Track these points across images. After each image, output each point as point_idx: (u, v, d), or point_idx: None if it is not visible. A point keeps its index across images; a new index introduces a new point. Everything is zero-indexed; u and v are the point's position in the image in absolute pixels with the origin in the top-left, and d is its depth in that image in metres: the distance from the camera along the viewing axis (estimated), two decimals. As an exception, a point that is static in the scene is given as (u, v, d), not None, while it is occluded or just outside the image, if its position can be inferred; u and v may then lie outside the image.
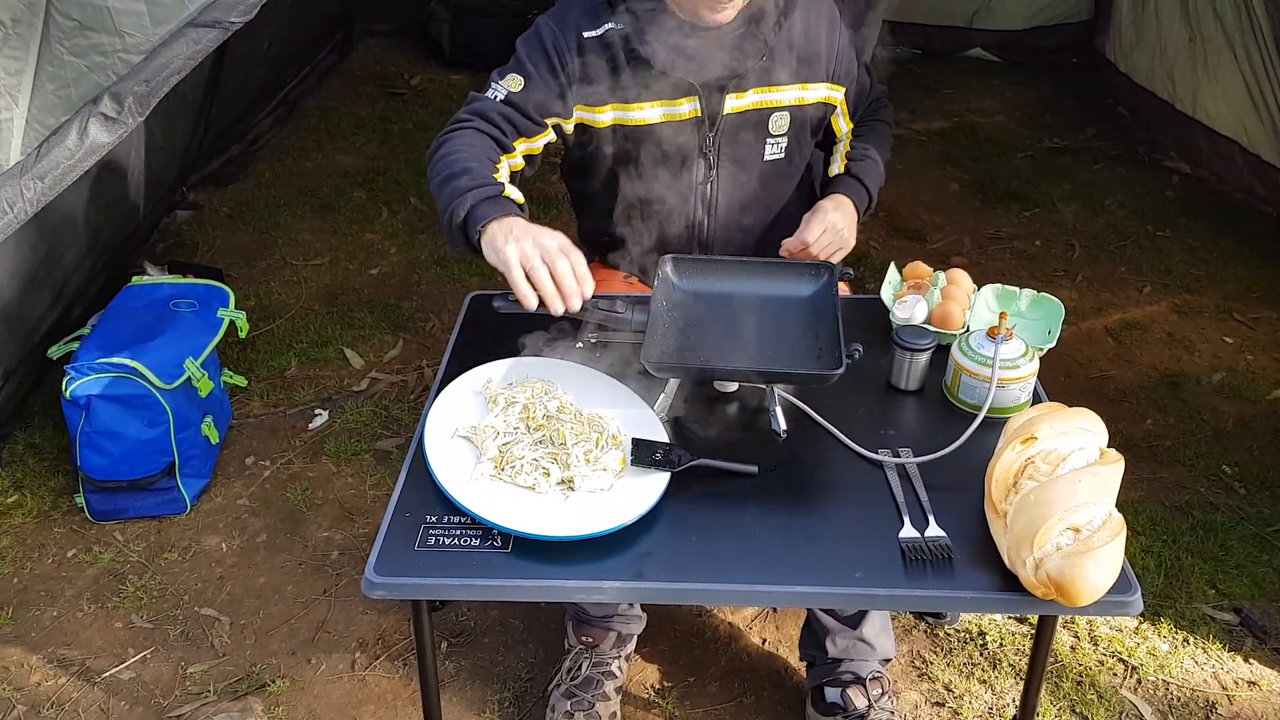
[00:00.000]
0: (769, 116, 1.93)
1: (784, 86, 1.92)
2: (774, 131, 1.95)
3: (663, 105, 1.87)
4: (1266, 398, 3.02)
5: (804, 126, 1.98)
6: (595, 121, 1.88)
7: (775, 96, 1.92)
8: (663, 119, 1.88)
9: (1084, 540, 1.33)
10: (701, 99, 1.87)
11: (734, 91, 1.87)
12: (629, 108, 1.87)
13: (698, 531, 1.45)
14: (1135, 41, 4.65)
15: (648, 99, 1.87)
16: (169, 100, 3.38)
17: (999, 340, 1.63)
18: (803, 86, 1.93)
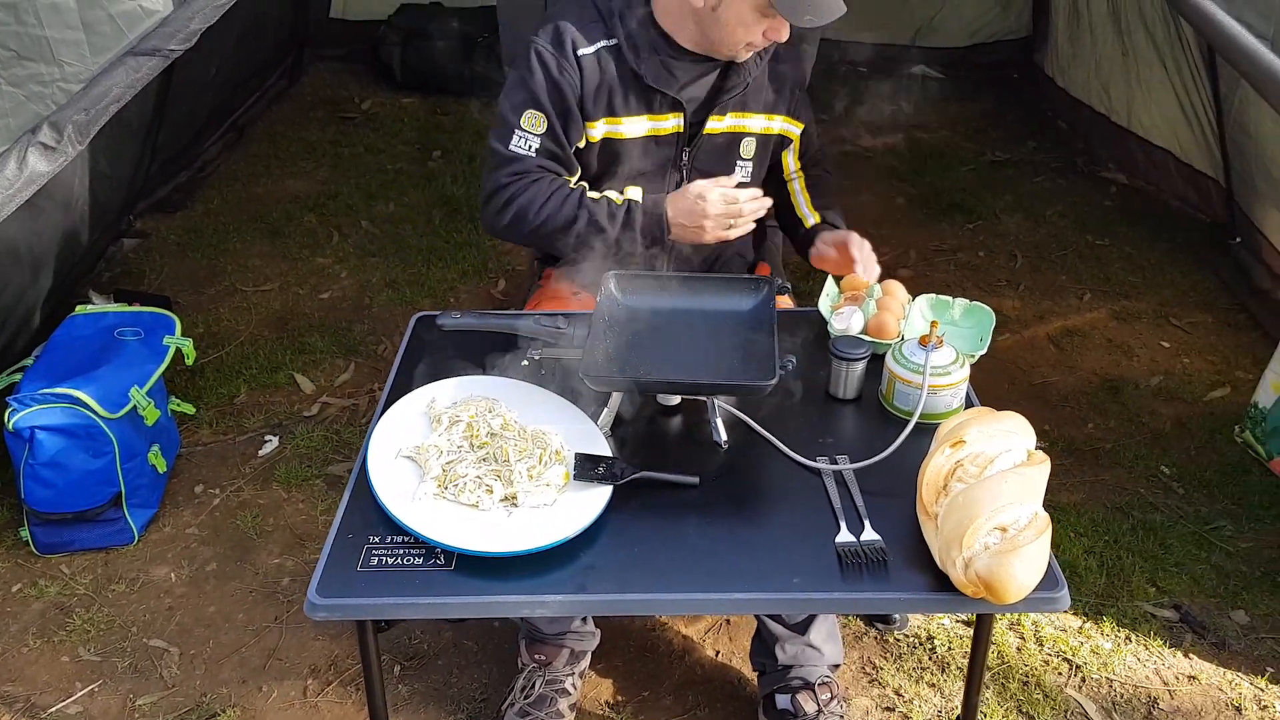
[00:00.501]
0: (740, 140, 2.07)
1: (755, 114, 2.06)
2: (743, 155, 2.09)
3: (649, 119, 1.98)
4: (1203, 399, 3.09)
5: (765, 154, 2.12)
6: (591, 136, 1.98)
7: (747, 123, 2.06)
8: (648, 132, 1.99)
9: (1010, 539, 1.37)
10: (686, 115, 1.98)
11: (717, 114, 2.00)
12: (618, 120, 1.97)
13: (640, 543, 1.48)
14: (1072, 57, 4.76)
15: (636, 112, 1.97)
16: (114, 128, 3.37)
17: (930, 348, 1.67)
18: (769, 116, 2.08)
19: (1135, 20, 4.07)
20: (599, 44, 1.94)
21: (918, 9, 5.26)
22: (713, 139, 2.03)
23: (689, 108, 1.98)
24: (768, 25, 1.87)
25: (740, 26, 1.87)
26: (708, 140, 2.02)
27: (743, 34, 1.88)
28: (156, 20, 2.02)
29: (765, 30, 1.87)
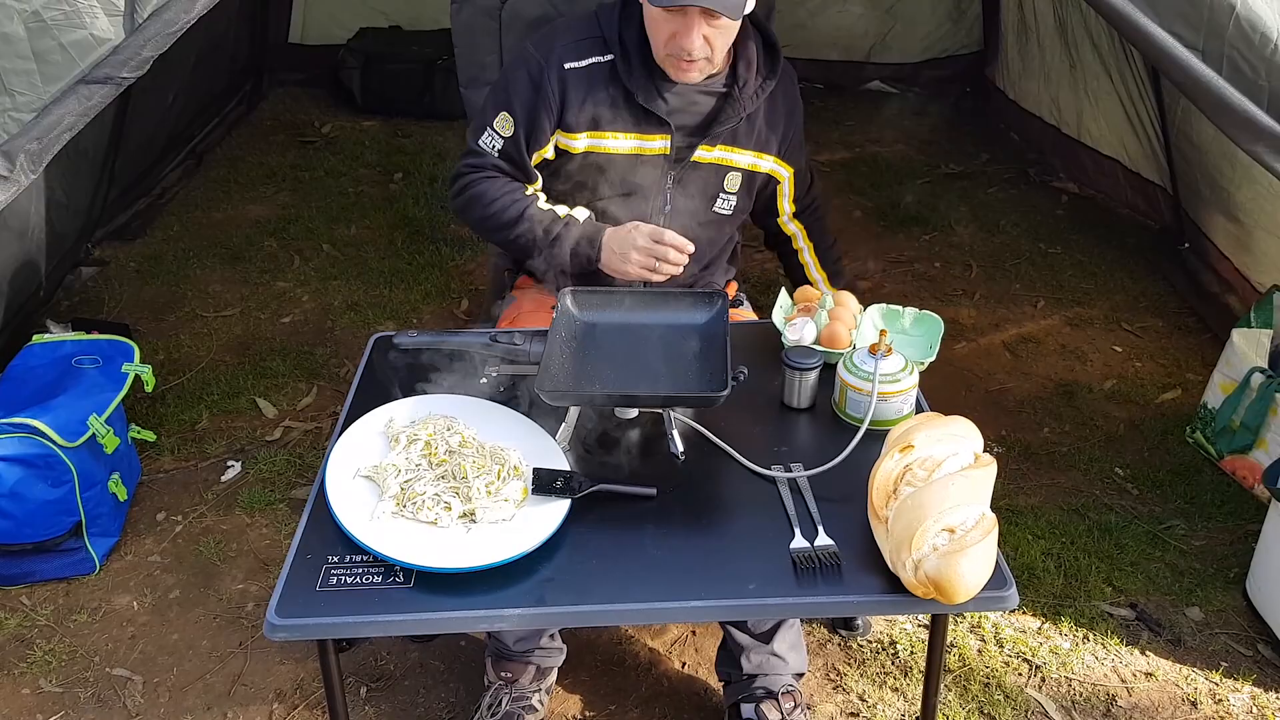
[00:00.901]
0: (726, 174, 2.09)
1: (745, 150, 2.09)
2: (727, 188, 2.12)
3: (636, 138, 2.01)
4: (1154, 402, 3.15)
5: (750, 191, 2.15)
6: (570, 147, 2.02)
7: (735, 157, 2.09)
8: (633, 150, 2.02)
9: (958, 540, 1.40)
10: (674, 139, 2.01)
11: (706, 143, 2.03)
12: (603, 135, 2.00)
13: (599, 555, 1.50)
14: (1022, 70, 4.85)
15: (623, 129, 2.00)
16: (70, 156, 3.38)
17: (879, 356, 1.71)
18: (759, 155, 2.11)
19: (1081, 34, 4.16)
20: (592, 59, 1.99)
21: (871, 26, 5.35)
22: (699, 167, 2.06)
23: (677, 131, 2.01)
24: (674, 26, 1.87)
25: (651, 22, 1.91)
26: (694, 167, 2.05)
27: (654, 32, 1.91)
28: (108, 49, 2.03)
29: (674, 33, 1.87)
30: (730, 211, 2.13)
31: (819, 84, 5.44)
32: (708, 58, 1.91)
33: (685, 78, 1.95)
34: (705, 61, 1.92)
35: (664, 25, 1.87)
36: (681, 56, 1.89)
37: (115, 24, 2.00)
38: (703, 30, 1.85)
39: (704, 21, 1.84)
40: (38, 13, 1.96)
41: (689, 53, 1.87)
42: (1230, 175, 3.24)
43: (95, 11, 1.97)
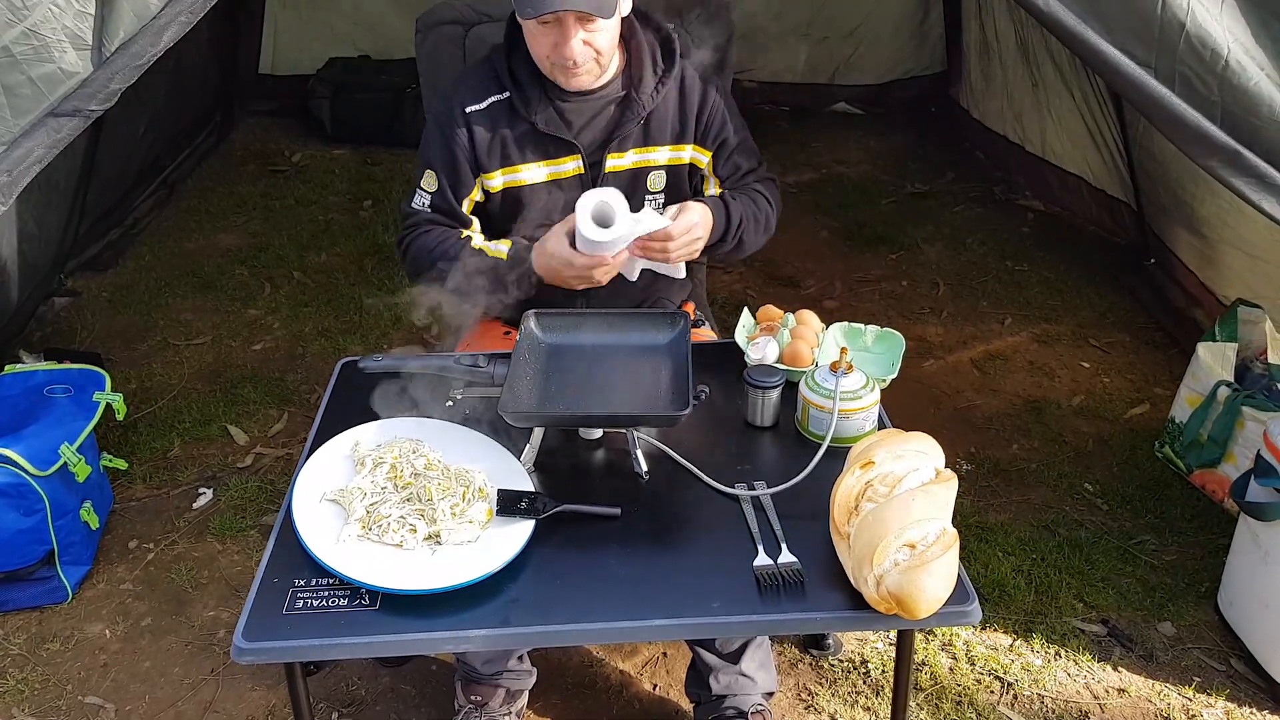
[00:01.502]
0: (647, 175, 2.10)
1: (659, 147, 2.09)
2: (652, 188, 2.11)
3: (547, 165, 2.04)
4: (1123, 417, 3.19)
5: (679, 185, 2.15)
6: (490, 186, 2.05)
7: (652, 156, 2.09)
8: (548, 178, 2.04)
9: (919, 555, 1.42)
10: (584, 157, 2.03)
11: (615, 151, 2.04)
12: (516, 169, 2.03)
13: (563, 575, 1.51)
14: (985, 89, 4.92)
15: (533, 159, 2.03)
16: (42, 188, 3.39)
17: (840, 374, 1.73)
18: (676, 148, 2.11)
19: (1043, 53, 4.23)
20: (491, 99, 2.02)
21: (835, 48, 5.41)
22: (617, 176, 2.07)
23: (585, 149, 2.03)
24: (552, 37, 1.89)
25: (531, 38, 1.94)
26: (612, 178, 2.06)
27: (535, 46, 1.93)
28: (76, 82, 2.03)
29: (554, 43, 1.89)
30: (662, 210, 2.09)
31: (785, 106, 5.50)
32: (594, 59, 1.93)
33: (577, 84, 1.97)
34: (593, 64, 1.94)
35: (543, 39, 1.90)
36: (566, 65, 1.91)
37: (83, 58, 2.00)
38: (581, 35, 1.88)
39: (580, 27, 1.87)
40: (7, 48, 1.97)
41: (572, 60, 1.90)
42: (1193, 190, 3.29)
43: (64, 46, 1.98)
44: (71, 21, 1.95)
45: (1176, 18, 1.89)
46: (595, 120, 2.04)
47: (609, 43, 1.94)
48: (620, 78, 2.04)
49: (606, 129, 2.04)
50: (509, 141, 2.02)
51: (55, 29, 1.94)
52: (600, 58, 1.93)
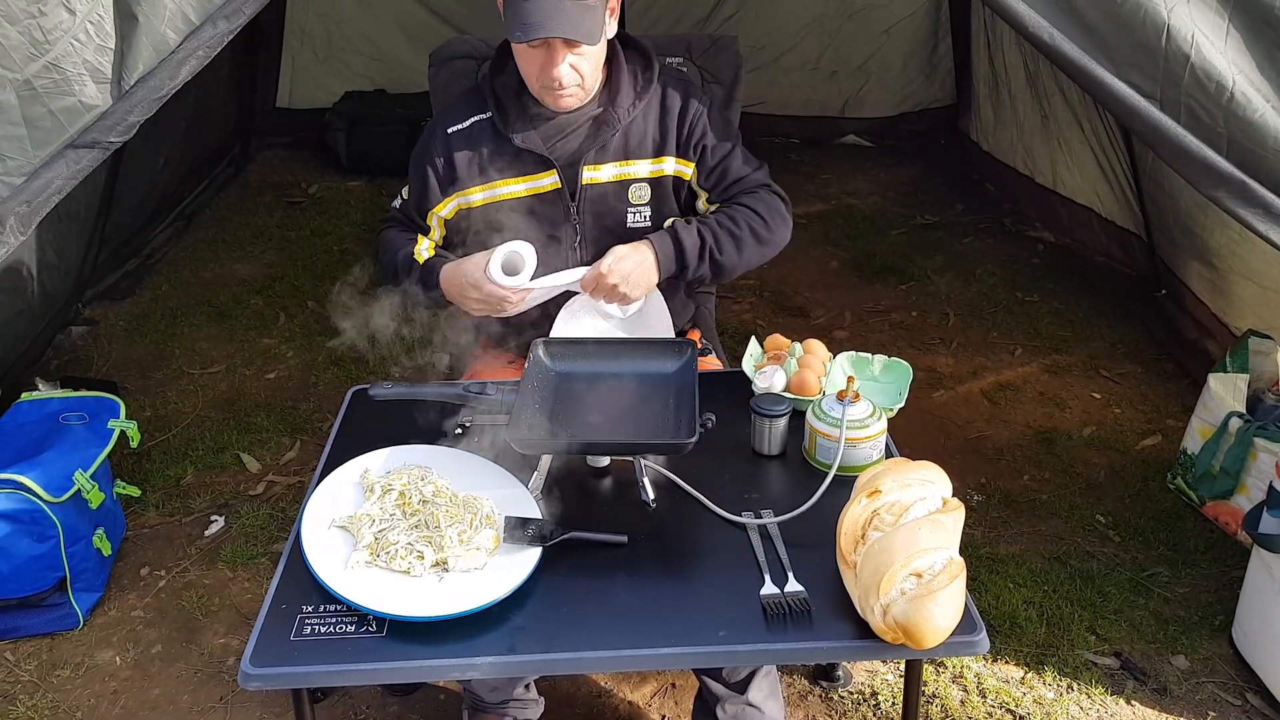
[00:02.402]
0: (629, 187, 2.13)
1: (638, 160, 2.13)
2: (634, 201, 2.14)
3: (526, 180, 2.10)
4: (1134, 448, 3.18)
5: (665, 197, 2.16)
6: (470, 203, 2.12)
7: (632, 170, 2.13)
8: (527, 192, 2.10)
9: (925, 584, 1.42)
10: (560, 171, 2.08)
11: (591, 164, 2.09)
12: (496, 185, 2.10)
13: (569, 603, 1.51)
14: (995, 122, 4.94)
15: (511, 175, 2.09)
16: (62, 218, 3.43)
17: (846, 402, 1.73)
18: (657, 160, 2.14)
19: (1051, 86, 4.25)
20: (473, 118, 2.12)
21: (845, 82, 5.45)
22: (597, 189, 2.11)
23: (561, 164, 2.08)
24: (540, 60, 1.96)
25: (519, 60, 2.01)
26: (592, 191, 2.11)
27: (524, 68, 2.01)
28: (96, 114, 2.07)
29: (542, 65, 1.96)
30: (648, 223, 2.14)
31: (795, 139, 5.54)
32: (578, 84, 2.00)
33: (563, 105, 2.04)
34: (577, 88, 2.01)
35: (532, 60, 1.97)
36: (553, 86, 1.98)
37: (103, 91, 2.04)
38: (568, 59, 1.95)
39: (567, 50, 1.94)
40: (29, 81, 2.01)
41: (558, 82, 1.97)
42: (1203, 221, 3.29)
43: (84, 79, 2.02)
44: (92, 55, 1.99)
45: (1181, 50, 1.91)
46: (571, 136, 2.09)
47: (593, 67, 2.01)
48: (599, 96, 2.09)
49: (582, 144, 2.09)
50: (488, 159, 2.10)
51: (76, 63, 1.98)
52: (584, 81, 2.00)
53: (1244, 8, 1.89)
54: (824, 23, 5.27)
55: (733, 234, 2.08)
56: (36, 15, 1.94)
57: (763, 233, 2.11)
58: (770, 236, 2.12)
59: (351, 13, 5.37)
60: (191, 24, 1.98)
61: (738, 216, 2.10)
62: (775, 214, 2.13)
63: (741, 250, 2.09)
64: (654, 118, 2.12)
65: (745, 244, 2.09)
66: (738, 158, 2.16)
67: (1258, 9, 1.89)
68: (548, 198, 2.11)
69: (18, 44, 1.95)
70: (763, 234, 2.11)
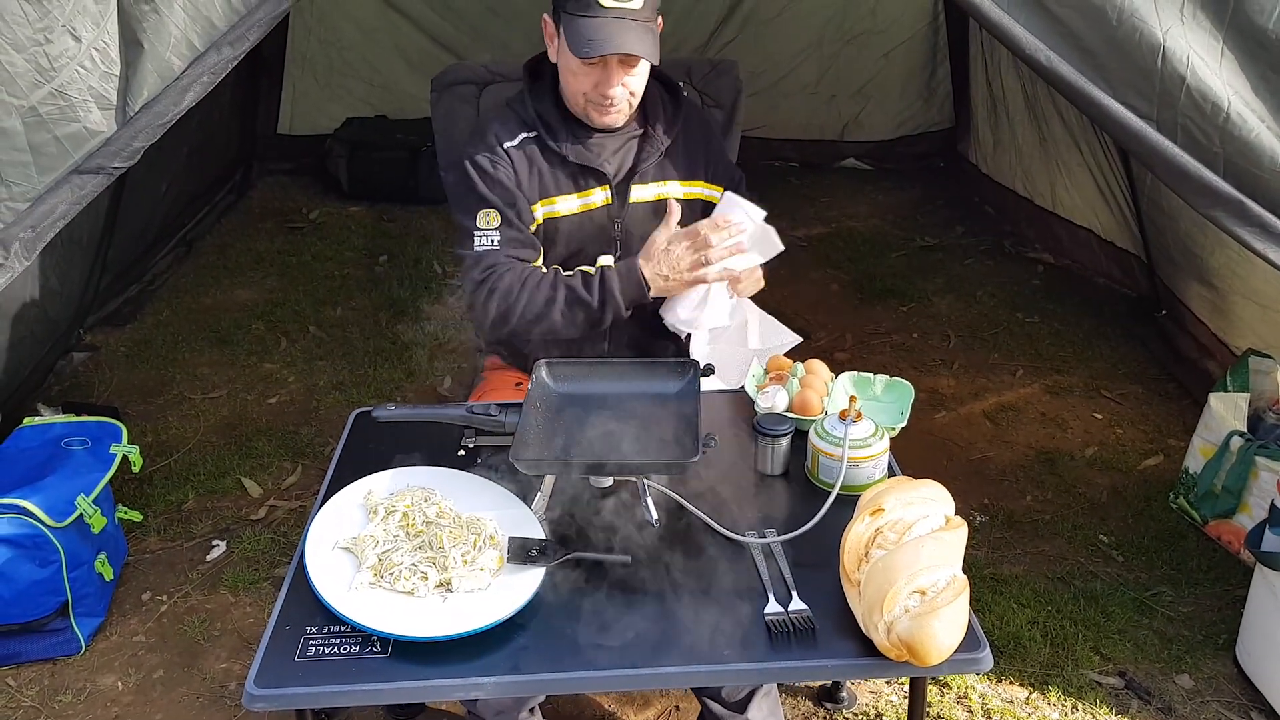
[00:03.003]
0: (666, 205, 2.14)
1: (672, 181, 2.20)
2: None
3: (579, 196, 2.14)
4: (1137, 468, 3.18)
5: (693, 219, 2.18)
6: (534, 219, 2.14)
7: (668, 190, 2.20)
8: (580, 209, 2.14)
9: (929, 602, 1.42)
10: (612, 187, 2.14)
11: (639, 182, 2.15)
12: (553, 201, 2.13)
13: (573, 623, 1.51)
14: (994, 144, 4.97)
15: (567, 190, 2.13)
16: (65, 244, 3.45)
17: (848, 422, 1.74)
18: (686, 183, 2.22)
19: (1049, 109, 4.28)
20: (520, 136, 2.13)
21: (844, 106, 5.48)
22: (641, 207, 2.18)
23: (614, 180, 2.14)
24: (595, 76, 2.01)
25: (571, 76, 2.04)
26: (635, 209, 2.17)
27: (575, 84, 2.04)
28: (100, 140, 2.08)
29: (596, 82, 2.01)
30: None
31: (794, 162, 5.57)
32: (628, 101, 2.06)
33: (608, 121, 2.09)
34: (626, 104, 2.07)
35: (585, 77, 2.02)
36: (604, 103, 2.04)
37: (108, 117, 2.05)
38: (621, 77, 2.01)
39: (622, 69, 2.00)
40: (34, 108, 2.02)
41: (611, 99, 2.02)
42: (1202, 241, 3.31)
43: (89, 106, 2.03)
44: (98, 82, 2.00)
45: (1176, 71, 1.93)
46: (619, 153, 2.16)
47: (642, 85, 2.08)
48: (637, 116, 2.16)
49: (630, 161, 2.16)
50: (544, 174, 2.12)
51: (81, 89, 2.00)
52: (633, 98, 2.07)
53: (1238, 30, 1.91)
54: (822, 47, 5.31)
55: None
56: (42, 43, 1.95)
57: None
58: None
59: (353, 39, 5.42)
60: (196, 50, 1.99)
61: None
62: None
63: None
64: (685, 142, 2.21)
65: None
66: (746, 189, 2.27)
67: (1251, 31, 1.90)
68: (597, 214, 2.16)
69: (23, 71, 1.96)
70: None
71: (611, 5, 1.92)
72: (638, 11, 1.94)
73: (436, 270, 4.48)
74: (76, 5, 1.93)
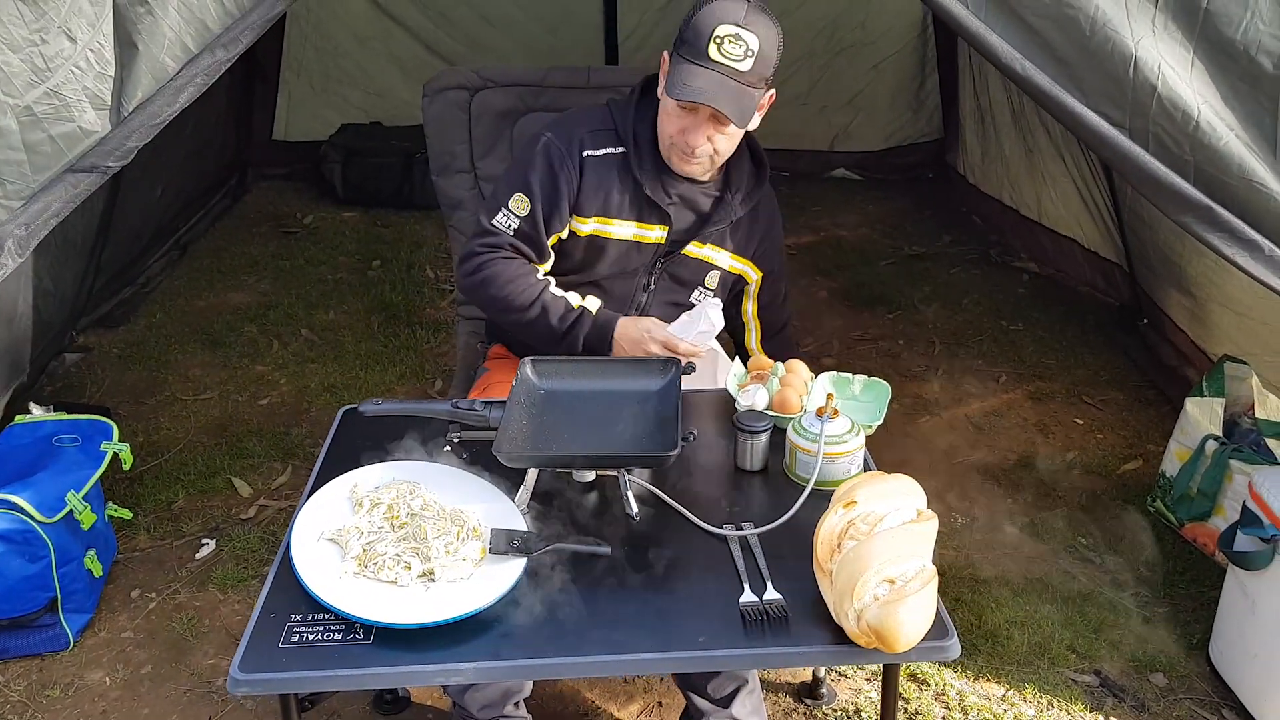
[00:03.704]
0: (708, 271, 2.25)
1: (726, 250, 2.25)
2: (707, 284, 2.27)
3: (638, 226, 2.17)
4: (1116, 472, 3.22)
5: (726, 289, 2.31)
6: (578, 230, 2.17)
7: (718, 257, 2.25)
8: (633, 237, 2.17)
9: (898, 589, 1.45)
10: (670, 232, 2.17)
11: (698, 240, 2.19)
12: (609, 221, 2.15)
13: (554, 611, 1.55)
14: (981, 156, 5.03)
15: (628, 217, 2.16)
16: (59, 246, 3.48)
17: (825, 419, 1.78)
18: (736, 257, 2.27)
19: (1035, 121, 4.34)
20: (607, 149, 2.15)
21: (834, 117, 5.55)
22: (686, 260, 2.22)
23: (676, 225, 2.17)
24: (684, 122, 2.03)
25: (665, 115, 2.07)
26: (681, 260, 2.21)
27: (666, 124, 2.07)
28: (95, 140, 2.11)
29: (684, 127, 2.04)
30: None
31: (785, 172, 5.61)
32: (710, 156, 2.08)
33: (686, 169, 2.12)
34: (708, 160, 2.09)
35: (676, 119, 2.04)
36: (686, 150, 2.06)
37: (102, 117, 2.09)
38: (709, 131, 2.03)
39: (712, 124, 2.02)
40: (29, 107, 2.05)
41: (693, 149, 2.04)
42: (1181, 250, 3.36)
43: (84, 106, 2.07)
44: (92, 83, 2.04)
45: (1148, 81, 1.97)
46: (692, 205, 2.19)
47: (729, 147, 2.09)
48: (719, 179, 2.20)
49: (699, 217, 2.19)
50: (613, 194, 2.14)
51: (76, 89, 2.03)
52: (716, 156, 2.09)
53: (1208, 41, 1.96)
54: (813, 59, 5.37)
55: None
56: (38, 43, 1.99)
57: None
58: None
59: (348, 47, 5.46)
60: (190, 52, 2.03)
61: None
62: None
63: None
64: (750, 221, 2.25)
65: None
66: (785, 274, 2.41)
67: (1220, 42, 1.95)
68: (646, 248, 2.19)
69: (19, 71, 1.99)
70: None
71: (720, 60, 1.94)
72: (743, 74, 1.96)
73: (429, 275, 4.52)
74: (73, 6, 1.97)
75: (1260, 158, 1.98)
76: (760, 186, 2.24)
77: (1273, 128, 1.97)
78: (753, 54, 1.95)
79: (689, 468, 1.84)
